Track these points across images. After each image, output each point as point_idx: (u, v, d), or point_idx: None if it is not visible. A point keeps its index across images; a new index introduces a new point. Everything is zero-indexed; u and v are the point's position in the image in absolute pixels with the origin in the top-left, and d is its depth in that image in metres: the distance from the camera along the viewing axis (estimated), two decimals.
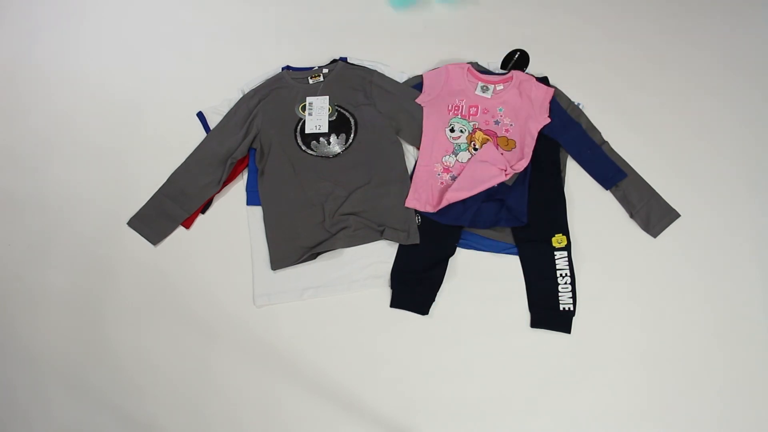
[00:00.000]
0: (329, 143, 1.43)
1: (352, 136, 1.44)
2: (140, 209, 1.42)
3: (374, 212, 1.38)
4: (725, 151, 1.47)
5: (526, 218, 1.35)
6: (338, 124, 1.45)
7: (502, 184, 1.38)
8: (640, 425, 1.24)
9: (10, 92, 1.61)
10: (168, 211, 1.40)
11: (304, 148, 1.43)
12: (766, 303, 1.33)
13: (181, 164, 1.44)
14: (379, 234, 1.35)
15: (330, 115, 1.46)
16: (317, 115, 1.45)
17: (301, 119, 1.46)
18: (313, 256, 1.36)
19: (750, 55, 1.58)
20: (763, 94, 1.53)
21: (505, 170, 1.36)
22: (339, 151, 1.43)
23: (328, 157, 1.42)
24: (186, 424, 1.28)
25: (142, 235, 1.41)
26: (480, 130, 1.43)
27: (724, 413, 1.25)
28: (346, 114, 1.46)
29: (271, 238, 1.37)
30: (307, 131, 1.44)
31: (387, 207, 1.38)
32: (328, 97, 1.47)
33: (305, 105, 1.47)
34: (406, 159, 1.45)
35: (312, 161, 1.42)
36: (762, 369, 1.28)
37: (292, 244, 1.36)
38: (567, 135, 1.44)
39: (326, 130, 1.44)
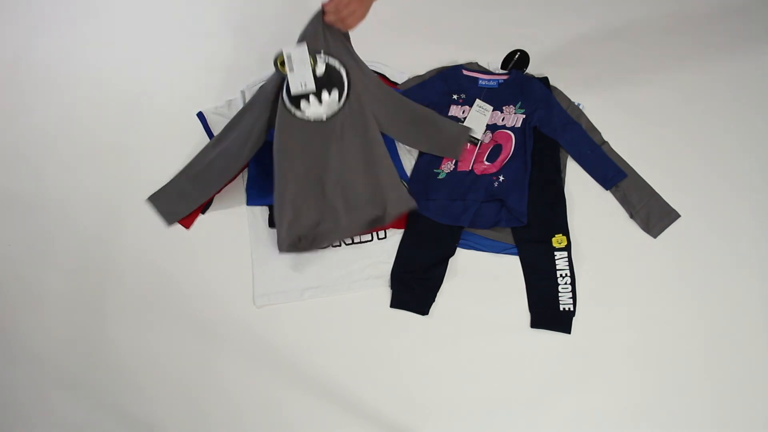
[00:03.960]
0: (320, 102, 1.27)
1: (345, 91, 1.28)
2: (161, 188, 1.43)
3: (372, 194, 1.29)
4: (726, 151, 1.47)
5: (526, 218, 1.35)
6: (328, 80, 1.27)
7: (502, 185, 1.38)
8: (640, 425, 1.24)
9: (11, 91, 1.61)
10: (187, 193, 1.41)
11: (293, 111, 1.26)
12: (766, 303, 1.33)
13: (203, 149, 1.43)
14: (380, 216, 1.28)
15: (317, 68, 1.27)
16: (299, 70, 1.24)
17: (284, 79, 1.27)
18: (316, 244, 1.31)
19: (751, 54, 1.58)
20: (764, 93, 1.53)
21: None
22: (336, 110, 1.27)
23: (322, 120, 1.27)
24: (186, 424, 1.28)
25: (159, 213, 1.42)
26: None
27: (725, 413, 1.25)
28: (336, 65, 1.27)
29: (278, 218, 1.29)
30: (292, 92, 1.25)
31: (382, 186, 1.29)
32: (306, 44, 1.24)
33: (283, 61, 1.24)
34: (405, 159, 1.45)
35: (303, 126, 1.27)
36: (762, 369, 1.28)
37: (294, 225, 1.27)
38: (567, 135, 1.44)
39: (314, 88, 1.25)
